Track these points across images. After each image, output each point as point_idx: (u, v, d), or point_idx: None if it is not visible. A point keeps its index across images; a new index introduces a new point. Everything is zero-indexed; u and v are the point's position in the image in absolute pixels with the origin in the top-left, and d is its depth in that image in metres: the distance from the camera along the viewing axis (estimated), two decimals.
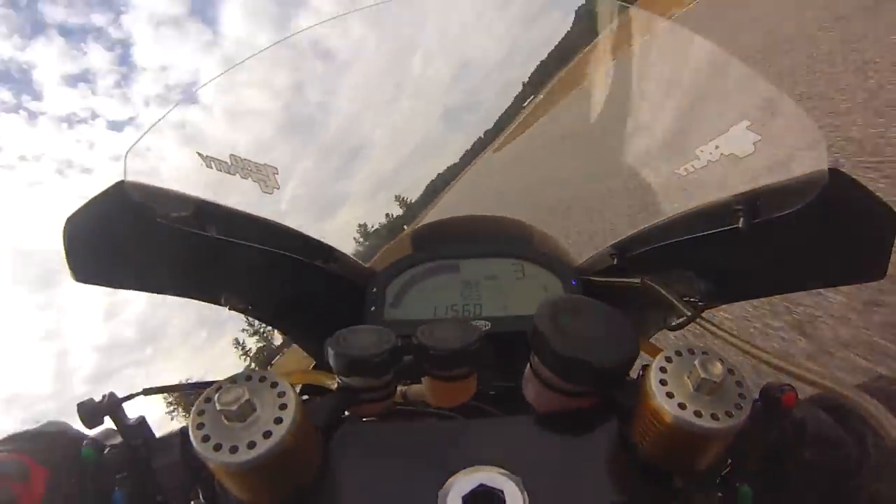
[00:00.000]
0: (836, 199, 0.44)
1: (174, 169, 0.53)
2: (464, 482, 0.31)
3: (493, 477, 0.31)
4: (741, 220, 0.48)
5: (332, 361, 0.38)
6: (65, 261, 0.50)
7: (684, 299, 0.53)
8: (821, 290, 2.10)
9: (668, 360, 0.33)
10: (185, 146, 0.52)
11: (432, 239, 0.87)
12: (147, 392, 0.45)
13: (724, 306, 0.63)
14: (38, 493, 0.33)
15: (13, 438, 0.37)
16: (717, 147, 0.48)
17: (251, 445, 0.29)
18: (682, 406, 0.30)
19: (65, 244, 0.50)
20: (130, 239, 0.53)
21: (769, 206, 0.47)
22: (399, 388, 0.51)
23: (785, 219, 0.46)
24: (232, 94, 0.57)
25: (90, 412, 0.39)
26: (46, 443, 0.37)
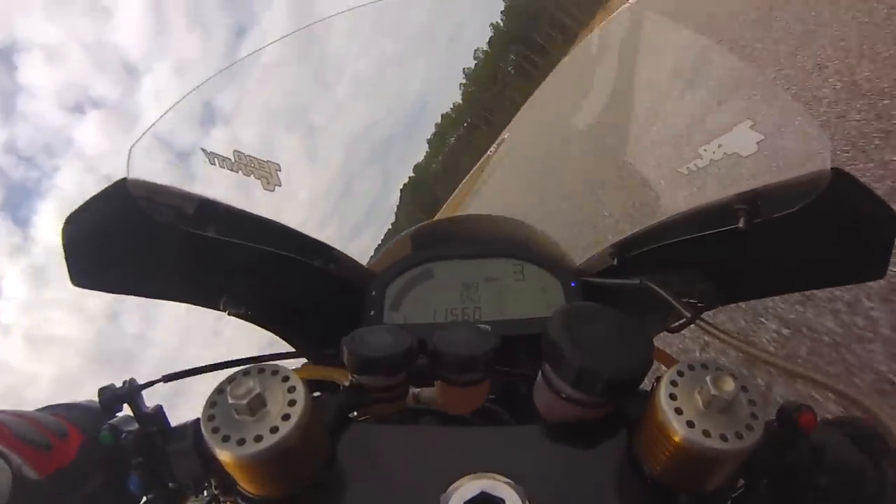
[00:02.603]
0: (837, 199, 0.44)
1: (176, 165, 0.53)
2: (465, 489, 0.31)
3: (495, 485, 0.31)
4: (742, 219, 0.48)
5: (346, 360, 0.39)
6: (64, 263, 0.50)
7: (684, 300, 0.53)
8: None
9: (680, 373, 0.32)
10: (188, 143, 0.52)
11: (432, 239, 0.87)
12: (167, 378, 0.45)
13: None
14: (72, 451, 0.36)
15: (54, 406, 0.40)
16: (719, 146, 0.48)
17: (258, 439, 0.29)
18: (690, 424, 0.30)
19: (64, 244, 0.49)
20: (130, 239, 0.52)
21: (771, 206, 0.47)
22: (412, 390, 0.51)
23: (786, 218, 0.46)
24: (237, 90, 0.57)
25: (110, 399, 0.40)
26: (85, 413, 0.40)
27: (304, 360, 0.71)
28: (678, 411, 0.30)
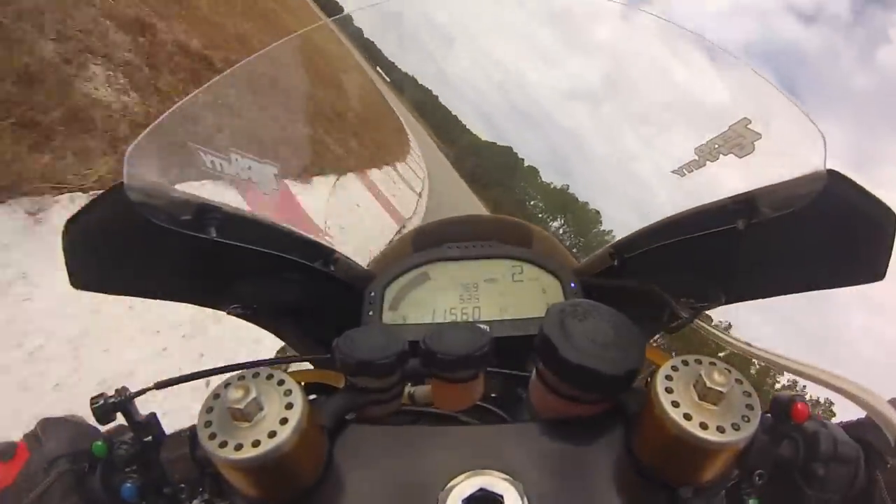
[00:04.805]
0: (834, 200, 0.44)
1: (174, 168, 0.53)
2: (464, 486, 0.31)
3: (493, 482, 0.31)
4: (739, 220, 0.48)
5: (339, 362, 0.39)
6: (64, 265, 0.50)
7: (682, 301, 0.53)
8: None
9: (675, 368, 0.33)
10: (185, 145, 0.52)
11: (432, 240, 0.87)
12: (159, 386, 0.45)
13: None
14: (14, 471, 0.37)
15: (43, 421, 0.40)
16: (716, 146, 0.48)
17: (255, 444, 0.29)
18: (687, 416, 0.30)
19: (64, 248, 0.49)
20: (131, 242, 0.52)
21: (768, 207, 0.47)
22: (407, 389, 0.50)
23: (783, 219, 0.46)
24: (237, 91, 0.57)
25: (102, 409, 0.40)
26: (46, 430, 0.40)
27: (298, 365, 0.71)
28: (675, 404, 0.31)
